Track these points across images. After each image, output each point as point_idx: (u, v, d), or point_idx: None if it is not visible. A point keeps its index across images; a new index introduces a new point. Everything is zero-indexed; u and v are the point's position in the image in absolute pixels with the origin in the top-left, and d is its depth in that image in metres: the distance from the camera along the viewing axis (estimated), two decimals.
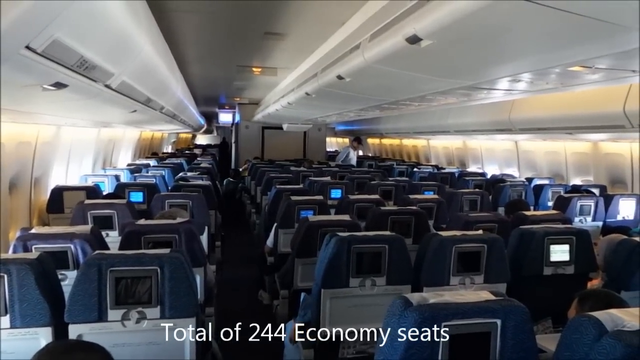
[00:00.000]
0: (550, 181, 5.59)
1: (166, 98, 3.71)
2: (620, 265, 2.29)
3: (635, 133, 3.75)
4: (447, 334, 1.22)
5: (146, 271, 1.67)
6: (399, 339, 1.23)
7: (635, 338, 1.18)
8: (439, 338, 1.22)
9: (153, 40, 2.29)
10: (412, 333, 1.22)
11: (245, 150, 11.06)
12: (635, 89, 3.45)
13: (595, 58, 1.60)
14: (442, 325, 1.22)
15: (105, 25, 1.56)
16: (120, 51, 1.76)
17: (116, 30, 1.64)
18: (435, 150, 9.78)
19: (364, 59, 2.20)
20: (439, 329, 1.22)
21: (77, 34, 1.42)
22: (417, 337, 1.21)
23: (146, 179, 5.13)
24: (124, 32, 1.68)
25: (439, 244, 2.18)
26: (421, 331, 1.21)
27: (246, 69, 5.74)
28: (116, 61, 1.84)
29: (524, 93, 2.82)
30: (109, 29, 1.59)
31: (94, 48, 1.62)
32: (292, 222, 3.42)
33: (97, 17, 1.48)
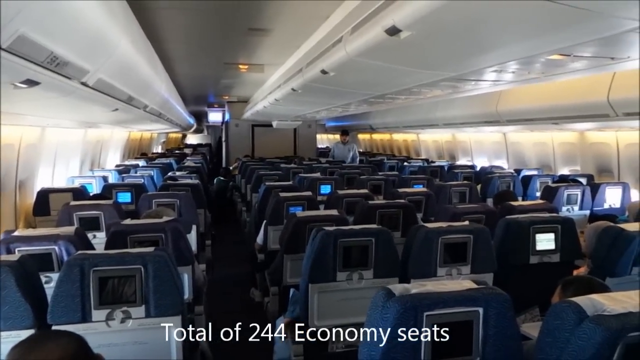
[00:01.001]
0: (538, 172, 5.63)
1: (150, 96, 3.68)
2: (605, 252, 2.31)
3: (620, 122, 3.80)
4: (430, 323, 1.22)
5: (130, 270, 1.65)
6: (382, 329, 1.23)
7: (615, 322, 1.20)
8: (422, 328, 1.22)
9: (132, 37, 2.26)
10: (394, 323, 1.22)
11: (236, 148, 11.01)
12: (618, 78, 3.48)
13: (574, 46, 1.61)
14: (424, 315, 1.22)
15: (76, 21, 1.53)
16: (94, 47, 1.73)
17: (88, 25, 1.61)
18: (425, 144, 9.82)
19: (346, 53, 2.20)
20: (421, 319, 1.22)
21: (44, 29, 1.39)
22: (400, 328, 1.22)
23: (134, 179, 5.09)
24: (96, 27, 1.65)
25: (425, 236, 2.18)
26: (403, 321, 1.22)
27: (233, 66, 5.71)
28: (90, 58, 1.81)
29: (508, 84, 2.83)
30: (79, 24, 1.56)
31: (65, 44, 1.59)
32: (281, 219, 3.41)
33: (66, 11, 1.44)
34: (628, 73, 3.30)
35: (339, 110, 5.92)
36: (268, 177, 5.52)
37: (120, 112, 3.43)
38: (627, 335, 1.18)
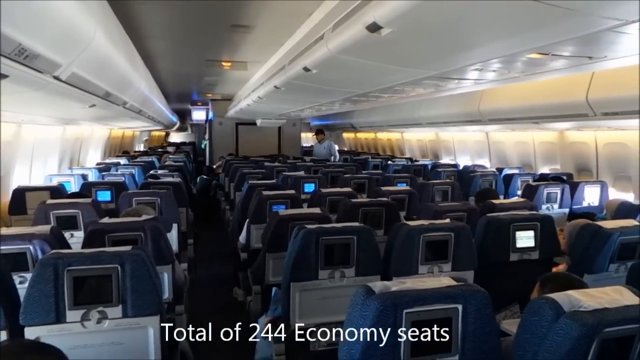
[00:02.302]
0: (519, 170, 5.71)
1: (129, 93, 3.61)
2: (583, 249, 2.34)
3: (599, 121, 3.86)
4: (409, 320, 1.22)
5: (106, 269, 1.62)
6: (362, 327, 1.23)
7: (591, 318, 1.21)
8: (401, 325, 1.22)
9: (107, 30, 2.21)
10: (374, 321, 1.21)
11: (220, 147, 10.93)
12: (597, 78, 3.54)
13: (552, 44, 1.63)
14: (403, 312, 1.22)
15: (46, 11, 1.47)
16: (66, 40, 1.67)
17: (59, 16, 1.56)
18: (409, 143, 9.88)
19: (328, 50, 2.18)
20: (401, 316, 1.22)
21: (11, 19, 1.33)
22: (379, 325, 1.21)
23: (115, 177, 5.01)
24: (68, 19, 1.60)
25: (407, 234, 2.19)
26: (383, 319, 1.21)
27: (216, 64, 5.65)
28: (62, 51, 1.75)
29: (489, 83, 2.85)
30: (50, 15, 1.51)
31: (34, 35, 1.53)
32: (264, 217, 3.38)
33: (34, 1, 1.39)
34: (606, 73, 3.36)
35: (323, 108, 5.91)
36: (251, 175, 5.49)
37: (98, 109, 3.36)
38: (603, 331, 1.20)
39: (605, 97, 3.50)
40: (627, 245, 2.30)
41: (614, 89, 3.40)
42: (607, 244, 2.26)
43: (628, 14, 1.27)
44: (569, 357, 1.20)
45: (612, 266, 2.30)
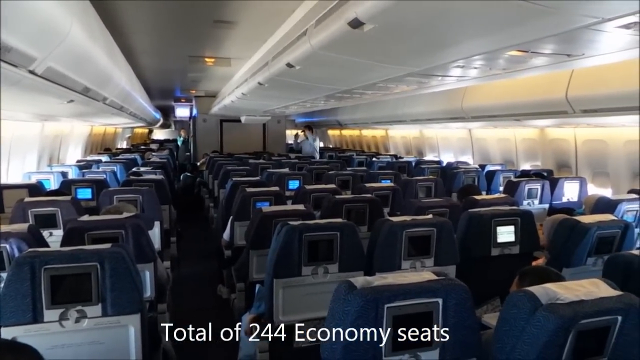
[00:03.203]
0: (501, 167, 5.78)
1: (109, 88, 3.55)
2: (562, 243, 2.39)
3: (578, 118, 3.94)
4: (390, 315, 1.23)
5: (84, 268, 1.59)
6: (343, 322, 1.23)
7: (567, 310, 1.23)
8: (382, 320, 1.22)
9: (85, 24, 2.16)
10: (355, 316, 1.22)
11: (204, 144, 10.84)
12: (576, 76, 3.61)
13: (531, 42, 1.65)
14: (384, 307, 1.22)
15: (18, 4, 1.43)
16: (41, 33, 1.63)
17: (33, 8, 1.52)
18: (394, 140, 9.93)
19: (310, 46, 2.18)
20: (382, 311, 1.22)
21: None
22: (361, 320, 1.22)
23: (96, 175, 4.92)
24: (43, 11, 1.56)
25: (390, 229, 2.20)
26: (364, 314, 1.22)
27: (199, 60, 5.59)
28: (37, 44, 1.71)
29: (471, 80, 2.88)
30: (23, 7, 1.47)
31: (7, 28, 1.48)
32: (248, 214, 3.36)
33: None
34: (585, 71, 3.42)
35: (308, 105, 5.90)
36: (236, 172, 5.45)
37: (77, 104, 3.29)
38: (579, 322, 1.22)
39: (584, 95, 3.57)
40: (604, 239, 2.35)
41: (593, 86, 3.47)
42: (585, 238, 2.31)
43: (605, 12, 1.30)
44: (546, 348, 1.22)
45: (590, 260, 2.35)
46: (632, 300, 1.29)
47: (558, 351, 1.23)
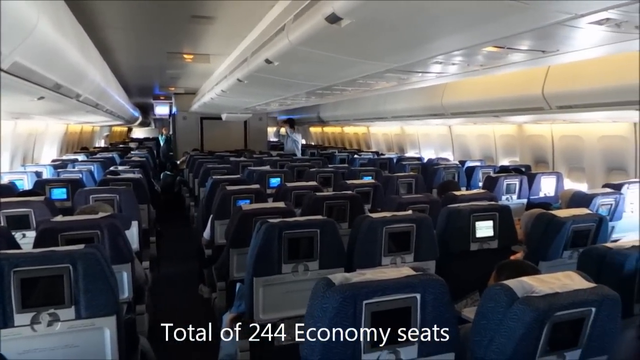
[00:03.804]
0: (481, 163, 5.86)
1: (83, 85, 3.46)
2: (539, 237, 2.43)
3: (554, 114, 4.00)
4: (369, 311, 1.22)
5: (56, 269, 1.54)
6: (322, 319, 1.22)
7: (542, 302, 1.25)
8: (361, 316, 1.22)
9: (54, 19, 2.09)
10: (334, 313, 1.21)
11: (184, 142, 10.70)
12: (552, 72, 3.67)
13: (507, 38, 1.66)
14: (363, 303, 1.22)
15: None
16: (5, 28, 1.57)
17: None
18: (375, 137, 9.97)
19: (288, 42, 2.16)
20: (361, 307, 1.22)
21: None
22: (339, 317, 1.21)
23: (71, 174, 4.81)
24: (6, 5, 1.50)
25: (370, 226, 2.20)
26: (343, 310, 1.21)
27: (177, 56, 5.51)
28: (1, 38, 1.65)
29: (449, 77, 2.90)
30: None
31: None
32: (228, 213, 3.32)
33: None
34: (561, 67, 3.49)
35: (289, 102, 5.87)
36: (216, 170, 5.39)
37: (49, 102, 3.20)
38: (554, 315, 1.24)
39: (560, 91, 3.63)
40: (580, 233, 2.40)
41: (568, 83, 3.53)
42: (561, 232, 2.35)
43: (578, 8, 1.31)
44: (522, 341, 1.23)
45: (566, 253, 2.40)
46: (605, 292, 1.31)
47: (534, 343, 1.25)
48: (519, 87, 4.00)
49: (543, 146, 5.19)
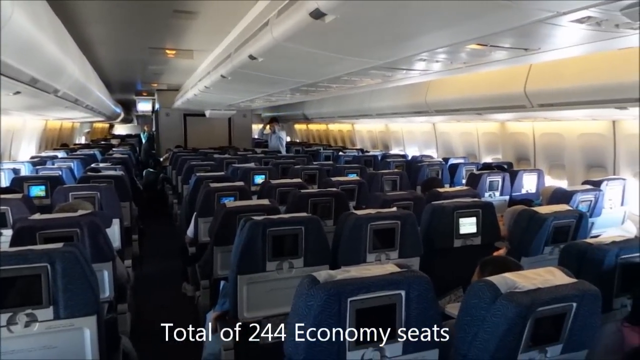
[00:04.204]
0: (464, 160, 5.91)
1: (61, 80, 3.37)
2: (521, 233, 2.46)
3: (535, 112, 4.06)
4: (353, 308, 1.22)
5: (33, 269, 1.50)
6: (307, 317, 1.21)
7: (525, 298, 1.26)
8: (345, 313, 1.21)
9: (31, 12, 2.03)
10: (319, 310, 1.20)
11: (167, 139, 10.56)
12: (534, 71, 3.72)
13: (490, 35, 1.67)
14: (347, 300, 1.21)
15: None
16: None
17: None
18: (360, 135, 9.99)
19: (272, 37, 2.14)
20: (345, 305, 1.21)
21: None
22: (324, 314, 1.20)
23: (51, 171, 4.70)
24: None
25: (355, 223, 2.20)
26: (327, 308, 1.20)
27: (160, 51, 5.42)
28: None
29: (433, 74, 2.91)
30: None
31: None
32: (212, 210, 3.29)
33: None
34: (542, 66, 3.53)
35: (274, 99, 5.84)
36: (200, 167, 5.34)
37: (25, 97, 3.11)
38: (537, 310, 1.25)
39: (541, 89, 3.68)
40: (560, 229, 2.44)
41: (550, 81, 3.58)
42: (542, 228, 2.38)
43: (560, 6, 1.33)
44: (506, 336, 1.25)
45: (547, 249, 2.43)
46: (586, 287, 1.34)
47: (517, 338, 1.26)
48: (501, 85, 4.04)
49: (525, 144, 5.27)
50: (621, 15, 1.26)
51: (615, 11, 1.25)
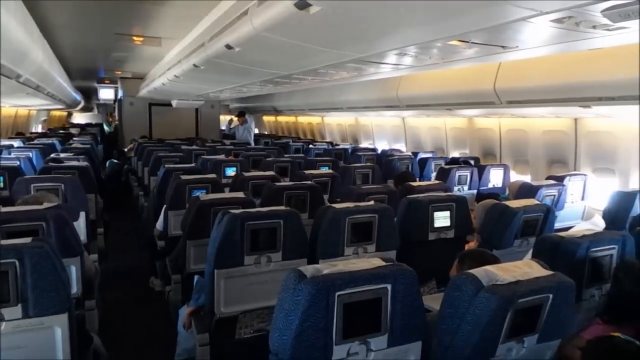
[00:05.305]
0: (433, 154, 6.02)
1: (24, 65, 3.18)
2: (492, 226, 2.53)
3: (504, 109, 4.18)
4: (341, 302, 1.21)
5: (1, 265, 1.42)
6: (294, 312, 1.20)
7: (506, 290, 1.30)
8: (333, 308, 1.21)
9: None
10: (307, 305, 1.19)
11: (131, 128, 10.22)
12: (503, 68, 3.82)
13: (471, 32, 1.69)
14: (335, 294, 1.21)
15: None
16: None
17: None
18: (329, 128, 9.99)
19: (252, 27, 2.09)
20: (333, 299, 1.21)
21: None
22: (312, 309, 1.19)
23: (8, 161, 4.45)
24: None
25: (333, 216, 2.20)
26: (315, 302, 1.19)
27: (125, 38, 5.21)
28: None
29: (409, 68, 2.93)
30: None
31: None
32: (183, 203, 3.22)
33: None
34: (511, 64, 3.63)
35: (244, 90, 5.74)
36: (168, 159, 5.20)
37: None
38: (517, 302, 1.29)
39: (510, 87, 3.78)
40: (530, 222, 2.52)
41: (518, 79, 3.69)
42: (513, 222, 2.46)
43: (542, 5, 1.36)
44: (487, 327, 1.28)
45: (517, 242, 2.52)
46: (561, 279, 1.39)
47: (498, 329, 1.30)
48: (472, 82, 4.13)
49: (491, 139, 5.41)
50: (601, 17, 1.31)
51: (595, 12, 1.29)
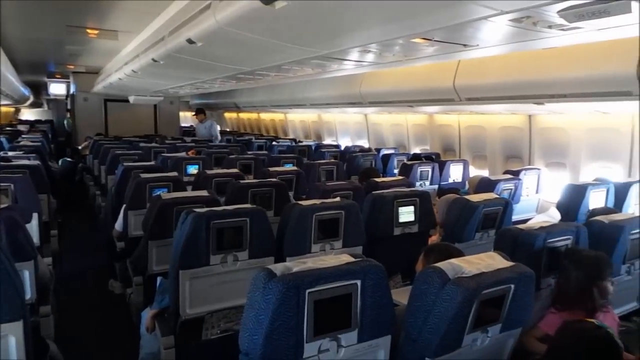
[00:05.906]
0: (395, 150, 6.12)
1: None
2: (454, 220, 2.59)
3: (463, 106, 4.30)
4: (311, 300, 1.21)
5: None
6: (264, 311, 1.19)
7: (472, 282, 1.33)
8: (304, 305, 1.20)
9: None
10: (277, 304, 1.18)
11: (85, 125, 9.80)
12: (462, 66, 3.92)
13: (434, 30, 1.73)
14: (306, 292, 1.21)
15: None
16: None
17: None
18: (292, 124, 9.96)
19: (215, 21, 2.04)
20: (304, 297, 1.20)
21: None
22: (282, 307, 1.18)
23: None
24: None
25: (300, 213, 2.19)
26: (286, 301, 1.18)
27: (79, 30, 4.97)
28: None
29: (372, 65, 2.96)
30: None
31: None
32: (144, 202, 3.12)
33: None
34: (469, 62, 3.74)
35: (206, 86, 5.62)
36: (126, 157, 5.03)
37: None
38: (482, 293, 1.33)
39: (468, 84, 3.90)
40: (489, 216, 2.61)
41: (476, 76, 3.80)
42: (474, 215, 2.53)
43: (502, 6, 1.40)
44: (454, 319, 1.31)
45: (477, 235, 2.60)
46: (523, 270, 1.44)
47: (464, 321, 1.33)
48: (432, 79, 4.23)
49: (451, 135, 5.56)
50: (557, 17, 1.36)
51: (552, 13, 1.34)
